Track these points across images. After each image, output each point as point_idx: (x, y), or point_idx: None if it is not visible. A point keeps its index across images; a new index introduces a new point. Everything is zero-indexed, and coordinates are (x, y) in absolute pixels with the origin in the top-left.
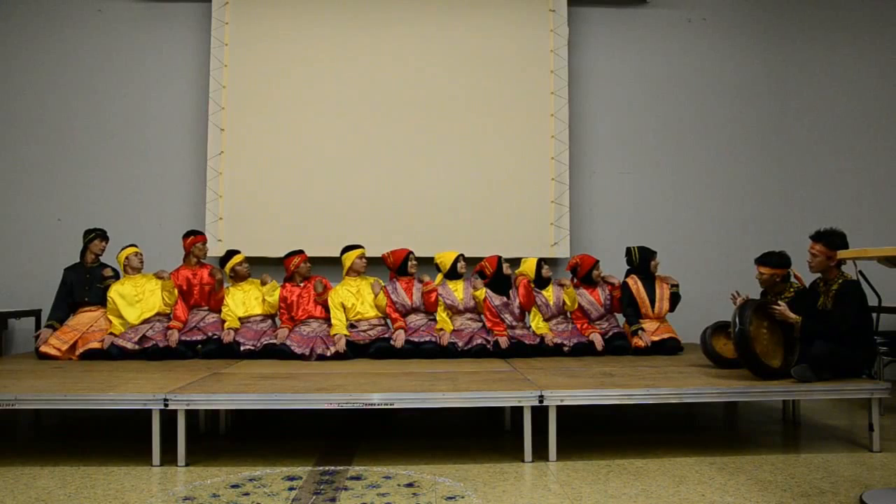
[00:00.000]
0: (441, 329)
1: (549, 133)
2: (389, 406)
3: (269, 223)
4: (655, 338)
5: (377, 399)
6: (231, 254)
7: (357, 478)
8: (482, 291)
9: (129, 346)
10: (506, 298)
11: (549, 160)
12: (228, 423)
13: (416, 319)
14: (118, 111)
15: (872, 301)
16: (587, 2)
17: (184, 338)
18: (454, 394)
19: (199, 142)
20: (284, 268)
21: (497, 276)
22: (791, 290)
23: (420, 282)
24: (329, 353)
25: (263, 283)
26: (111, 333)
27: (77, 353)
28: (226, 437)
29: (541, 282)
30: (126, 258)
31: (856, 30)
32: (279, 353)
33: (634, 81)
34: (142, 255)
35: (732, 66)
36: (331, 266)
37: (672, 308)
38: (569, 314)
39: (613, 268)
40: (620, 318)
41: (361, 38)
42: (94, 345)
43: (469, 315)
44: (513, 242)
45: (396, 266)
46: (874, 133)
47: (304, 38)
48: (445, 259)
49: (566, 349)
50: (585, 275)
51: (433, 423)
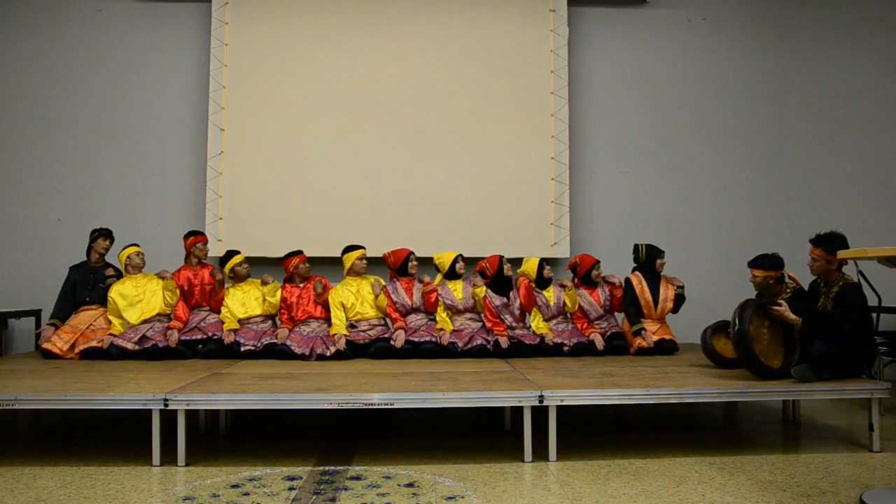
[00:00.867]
0: (441, 329)
1: (550, 133)
2: (389, 406)
3: (269, 223)
4: (656, 337)
5: (377, 399)
6: (231, 254)
7: (357, 478)
8: (482, 289)
9: (129, 346)
10: (506, 299)
11: (549, 160)
12: (228, 423)
13: (417, 319)
14: (118, 111)
15: (872, 301)
16: (587, 2)
17: (184, 338)
18: (454, 394)
19: (200, 142)
20: (284, 268)
21: (498, 277)
22: (787, 291)
23: (420, 282)
24: (329, 353)
25: (265, 284)
26: (111, 334)
27: (77, 352)
28: (226, 437)
29: (542, 282)
30: (127, 258)
31: (856, 29)
32: (279, 354)
33: (634, 81)
34: (143, 255)
35: (732, 66)
36: (331, 266)
37: (676, 309)
38: (569, 314)
39: (614, 268)
40: (620, 318)
41: (362, 39)
42: (94, 343)
43: (469, 315)
44: (513, 242)
45: (397, 266)
46: (874, 133)
47: (305, 38)
48: (444, 259)
49: (566, 349)
50: (585, 274)
51: (433, 423)
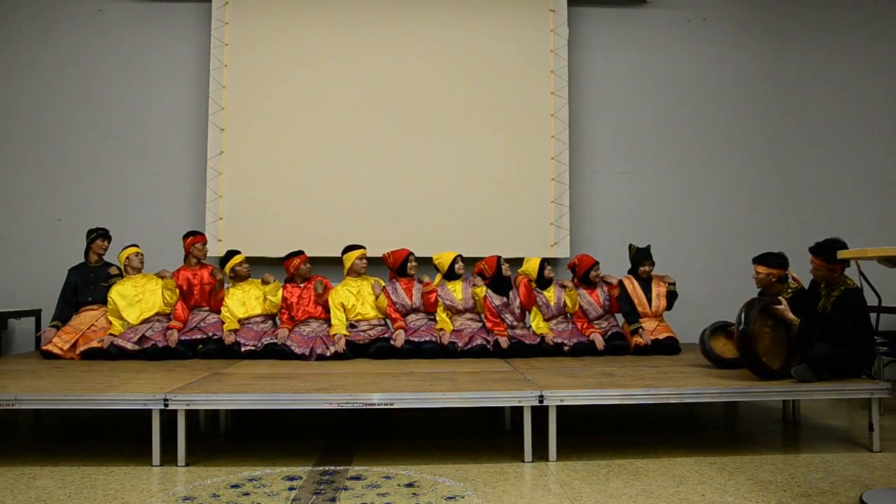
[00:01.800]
0: (441, 329)
1: (550, 133)
2: (389, 406)
3: (269, 223)
4: (653, 337)
5: (377, 399)
6: (231, 254)
7: (357, 478)
8: (482, 289)
9: (129, 346)
10: (506, 298)
11: (549, 160)
12: (228, 424)
13: (416, 319)
14: (118, 111)
15: (872, 301)
16: (587, 2)
17: (184, 338)
18: (454, 394)
19: (199, 142)
20: (285, 269)
21: (497, 277)
22: (788, 292)
23: (420, 282)
24: (329, 353)
25: (265, 283)
26: (111, 334)
27: (77, 352)
28: (226, 437)
29: (543, 282)
30: (127, 258)
31: (858, 30)
32: (279, 354)
33: (634, 82)
34: (142, 255)
35: (732, 67)
36: (331, 266)
37: (669, 306)
38: (569, 314)
39: (614, 268)
40: (620, 318)
41: (362, 39)
42: (95, 344)
43: (469, 315)
44: (513, 242)
45: (396, 266)
46: (875, 134)
47: (305, 39)
48: (443, 260)
49: (566, 349)
50: (584, 275)
51: (433, 423)
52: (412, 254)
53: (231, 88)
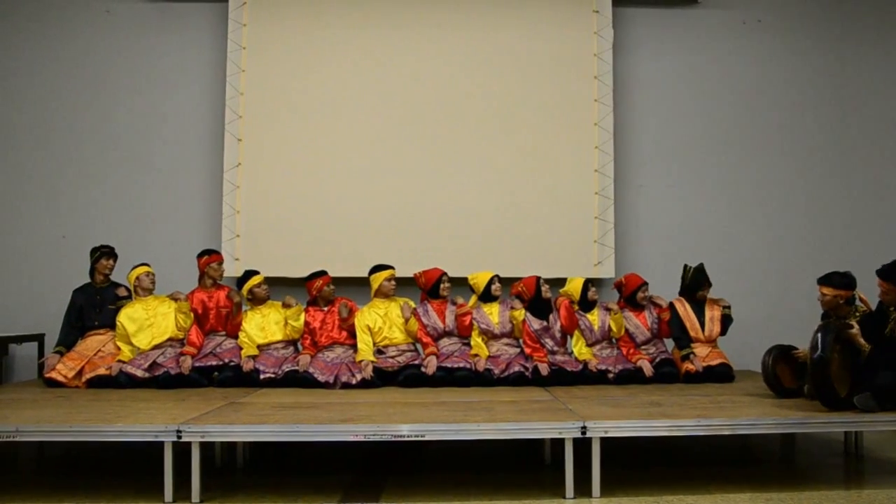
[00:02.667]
0: (476, 355)
1: (593, 143)
2: (420, 438)
3: (291, 241)
4: (706, 363)
5: (407, 430)
6: (249, 274)
7: None
8: (521, 312)
9: (139, 374)
10: (545, 322)
11: (593, 173)
12: (246, 457)
13: (449, 344)
14: (127, 120)
15: None
16: (633, 2)
17: (198, 364)
18: (490, 425)
19: (215, 153)
20: (307, 290)
21: (536, 299)
22: (856, 315)
23: (453, 304)
24: (355, 381)
25: (287, 306)
26: (120, 360)
27: (84, 380)
28: (244, 472)
29: (586, 304)
30: (137, 279)
31: None
32: (301, 381)
33: (684, 88)
34: (154, 276)
35: (790, 72)
36: (357, 288)
37: (724, 331)
38: (614, 339)
39: (661, 289)
40: (669, 344)
41: (390, 41)
42: (102, 371)
43: (506, 340)
44: (553, 262)
45: (428, 287)
46: None
47: (328, 41)
48: (479, 280)
49: (611, 376)
50: (630, 295)
51: (467, 456)
52: (445, 274)
53: (249, 95)
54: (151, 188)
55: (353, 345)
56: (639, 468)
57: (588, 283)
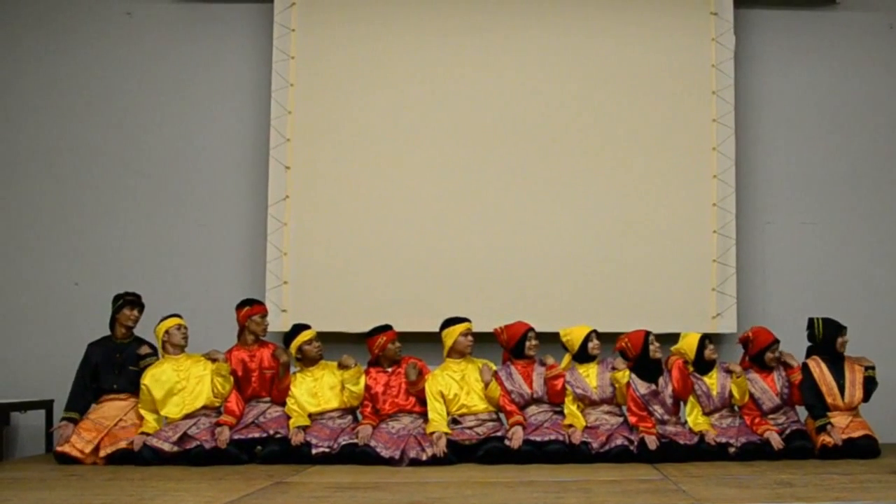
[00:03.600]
0: (570, 425)
1: (711, 172)
2: None
3: (348, 289)
4: (845, 435)
5: None
6: (298, 329)
7: None
8: (625, 373)
9: (167, 448)
10: (654, 386)
11: (711, 207)
12: None
13: (538, 413)
14: (152, 144)
15: None
16: (759, 2)
17: (237, 436)
18: None
19: (258, 183)
20: (367, 348)
21: (643, 358)
22: None
23: (542, 365)
24: (425, 457)
25: (344, 368)
26: (144, 432)
27: (101, 456)
28: None
29: (702, 365)
30: (166, 333)
31: None
32: (361, 457)
33: (820, 105)
34: (186, 330)
35: None
36: (427, 345)
37: (866, 397)
38: (736, 407)
39: (793, 346)
40: (802, 413)
41: (468, 50)
42: (123, 444)
43: (606, 407)
44: (662, 314)
45: (512, 345)
46: None
47: (394, 50)
48: (573, 336)
49: (732, 451)
50: (757, 354)
51: None
52: (532, 329)
53: (299, 115)
54: (182, 226)
55: (423, 413)
56: None
57: (705, 340)
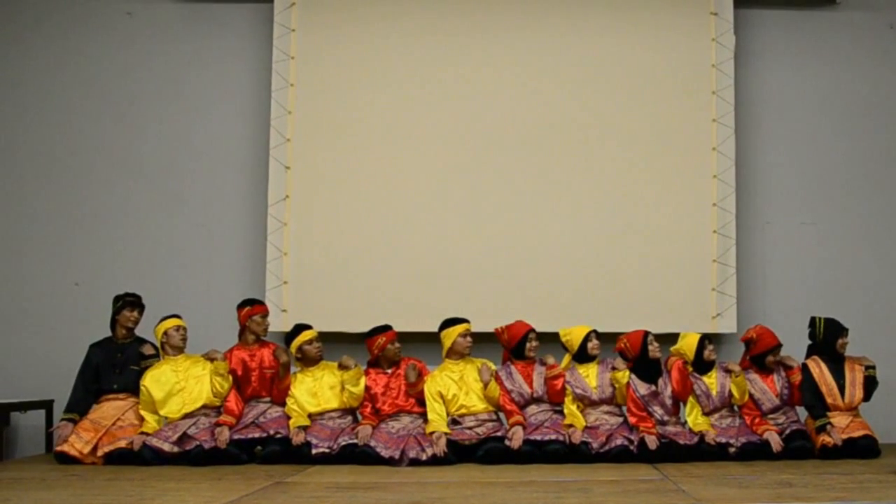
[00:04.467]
0: (570, 425)
1: (711, 172)
2: None
3: (348, 289)
4: (845, 435)
5: None
6: (299, 329)
7: None
8: (625, 373)
9: (167, 448)
10: (654, 387)
11: (711, 207)
12: None
13: (538, 413)
14: (152, 145)
15: None
16: (759, 2)
17: (237, 436)
18: None
19: (258, 184)
20: (367, 349)
21: (642, 359)
22: None
23: (542, 365)
24: (425, 457)
25: (344, 368)
26: (143, 432)
27: (100, 455)
28: None
29: (702, 365)
30: (165, 334)
31: None
32: (361, 457)
33: (821, 105)
34: (185, 330)
35: None
36: (427, 345)
37: (867, 396)
38: (736, 407)
39: (794, 348)
40: (802, 413)
41: (468, 51)
42: (122, 444)
43: (606, 408)
44: (662, 314)
45: (512, 346)
46: None
47: (395, 49)
48: (573, 336)
49: (732, 451)
50: (758, 355)
51: None
52: (533, 330)
53: (299, 115)
54: (181, 226)
55: (423, 413)
56: None
57: (705, 341)
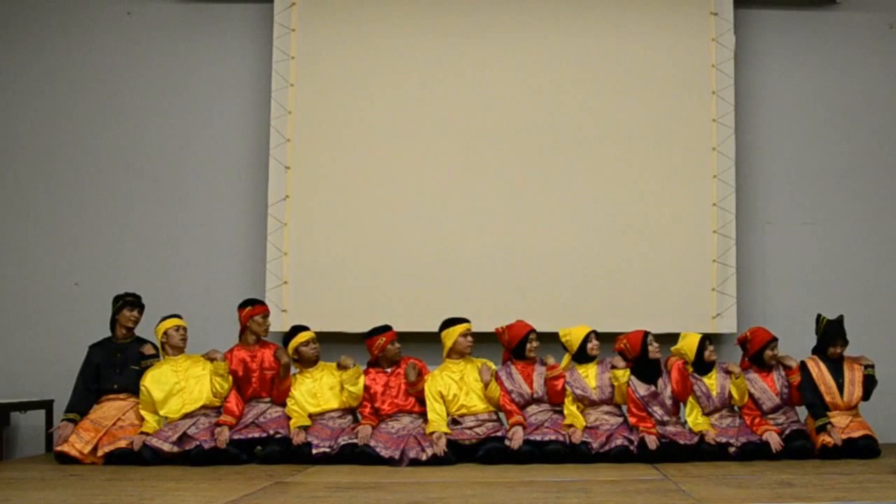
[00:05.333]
0: (570, 425)
1: (711, 172)
2: None
3: (347, 289)
4: (845, 435)
5: None
6: (297, 330)
7: None
8: (625, 372)
9: (167, 448)
10: (654, 387)
11: (711, 207)
12: None
13: (538, 413)
14: (152, 144)
15: None
16: (759, 2)
17: (237, 436)
18: None
19: (258, 183)
20: (367, 349)
21: (642, 359)
22: None
23: (543, 365)
24: (425, 457)
25: (343, 368)
26: (143, 432)
27: (101, 455)
28: None
29: (702, 366)
30: (164, 334)
31: None
32: (361, 457)
33: (821, 105)
34: (185, 330)
35: None
36: (427, 345)
37: (866, 396)
38: (736, 407)
39: (793, 348)
40: (802, 413)
41: (468, 51)
42: (122, 444)
43: (606, 408)
44: (662, 314)
45: (513, 346)
46: None
47: (395, 50)
48: (573, 336)
49: (732, 451)
50: (756, 354)
51: None
52: (533, 330)
53: (299, 114)
54: (182, 226)
55: (423, 413)
56: None
57: (706, 341)
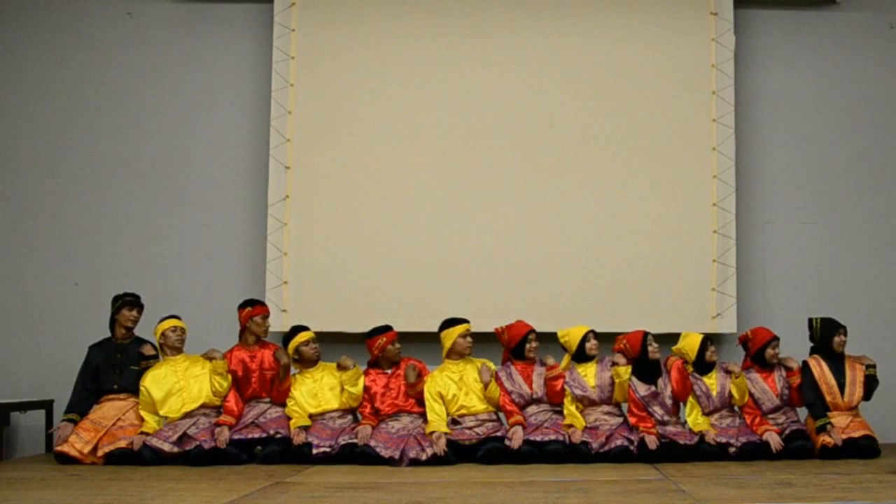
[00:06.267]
0: (570, 426)
1: (711, 172)
2: None
3: (347, 289)
4: (845, 435)
5: None
6: (297, 331)
7: None
8: (626, 369)
9: (167, 448)
10: (654, 387)
11: (711, 207)
12: None
13: (538, 413)
14: (152, 144)
15: None
16: (759, 2)
17: (237, 436)
18: None
19: (258, 184)
20: (367, 349)
21: (642, 359)
22: None
23: (542, 365)
24: (425, 457)
25: (343, 369)
26: (143, 432)
27: (100, 455)
28: None
29: (702, 366)
30: (163, 334)
31: None
32: (361, 457)
33: (821, 105)
34: (183, 331)
35: None
36: (427, 345)
37: (867, 395)
38: (736, 407)
39: (794, 348)
40: (802, 413)
41: (469, 51)
42: (122, 444)
43: (606, 408)
44: (662, 314)
45: (512, 346)
46: None
47: (396, 50)
48: (572, 336)
49: (732, 451)
50: (758, 353)
51: None
52: (533, 330)
53: (299, 114)
54: (182, 226)
55: (423, 413)
56: None
57: (707, 342)
